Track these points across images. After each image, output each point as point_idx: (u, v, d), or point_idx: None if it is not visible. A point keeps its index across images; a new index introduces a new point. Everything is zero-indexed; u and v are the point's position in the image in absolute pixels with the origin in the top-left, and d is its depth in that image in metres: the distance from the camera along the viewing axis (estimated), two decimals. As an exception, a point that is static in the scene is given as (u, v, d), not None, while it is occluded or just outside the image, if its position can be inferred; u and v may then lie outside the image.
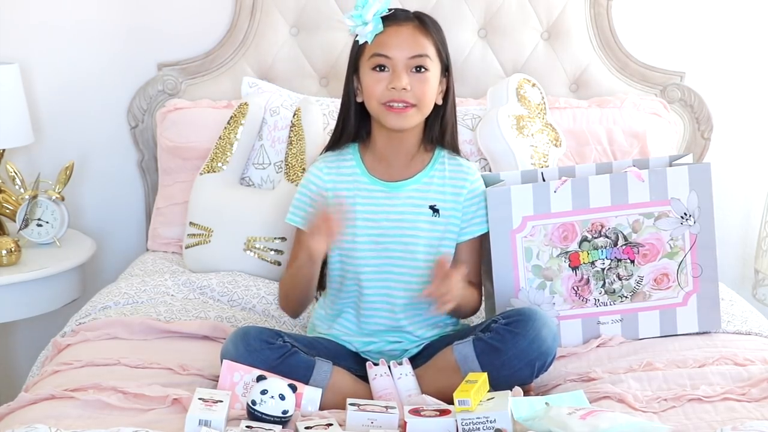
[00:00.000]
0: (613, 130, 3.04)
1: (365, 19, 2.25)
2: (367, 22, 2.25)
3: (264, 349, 2.14)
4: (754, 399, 2.09)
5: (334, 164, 2.34)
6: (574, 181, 2.35)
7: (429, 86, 2.27)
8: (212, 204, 2.85)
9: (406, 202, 2.31)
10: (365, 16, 2.25)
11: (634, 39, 3.26)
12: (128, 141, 3.27)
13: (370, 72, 2.27)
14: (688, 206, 2.36)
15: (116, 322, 2.45)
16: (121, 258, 3.24)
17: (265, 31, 3.20)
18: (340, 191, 2.31)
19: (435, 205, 2.31)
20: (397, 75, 2.24)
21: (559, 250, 2.36)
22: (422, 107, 2.27)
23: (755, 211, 3.39)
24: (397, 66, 2.25)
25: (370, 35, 2.26)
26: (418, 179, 2.33)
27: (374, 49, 2.26)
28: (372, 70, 2.26)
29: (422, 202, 2.31)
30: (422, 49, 2.26)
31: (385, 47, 2.25)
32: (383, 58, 2.25)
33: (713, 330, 2.42)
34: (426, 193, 2.32)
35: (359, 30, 2.27)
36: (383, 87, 2.25)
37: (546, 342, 2.15)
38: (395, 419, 2.00)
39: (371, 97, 2.27)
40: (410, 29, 2.27)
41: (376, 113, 2.28)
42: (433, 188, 2.32)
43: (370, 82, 2.26)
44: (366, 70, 2.27)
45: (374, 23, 2.25)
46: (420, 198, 2.31)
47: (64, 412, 2.01)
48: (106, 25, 3.24)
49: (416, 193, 2.32)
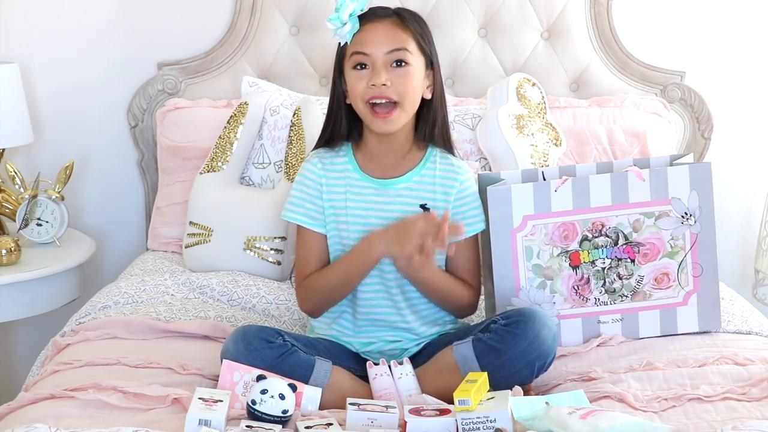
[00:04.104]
0: (613, 130, 3.04)
1: (342, 19, 2.25)
2: (344, 22, 2.25)
3: (264, 348, 2.14)
4: (755, 399, 2.08)
5: (327, 159, 2.34)
6: (574, 181, 2.35)
7: (411, 81, 2.25)
8: (212, 203, 2.84)
9: (396, 200, 2.31)
10: (342, 16, 2.25)
11: (635, 38, 3.26)
12: (128, 140, 3.27)
13: (351, 71, 2.27)
14: (688, 206, 2.36)
15: (116, 321, 2.45)
16: (121, 257, 3.24)
17: (265, 31, 3.20)
18: (333, 186, 2.31)
19: (425, 204, 2.31)
20: (376, 71, 2.24)
21: (559, 249, 2.36)
22: (405, 104, 2.26)
23: (755, 210, 3.39)
24: (376, 62, 2.24)
25: (349, 35, 2.26)
26: (409, 178, 2.32)
27: (353, 48, 2.26)
28: (353, 69, 2.26)
29: (413, 200, 2.31)
30: (400, 43, 2.25)
31: (362, 44, 2.25)
32: (362, 56, 2.25)
33: (713, 329, 2.41)
34: (417, 191, 2.32)
35: (339, 32, 2.27)
36: (364, 85, 2.25)
37: (546, 342, 2.15)
38: (395, 419, 1.99)
39: (355, 97, 2.27)
40: (387, 25, 2.26)
41: (362, 116, 2.29)
42: (424, 187, 2.32)
43: (353, 82, 2.26)
44: (348, 70, 2.28)
45: (351, 22, 2.25)
46: (410, 196, 2.31)
47: (64, 411, 2.01)
48: (106, 25, 3.24)
49: (407, 191, 2.31)
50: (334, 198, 2.31)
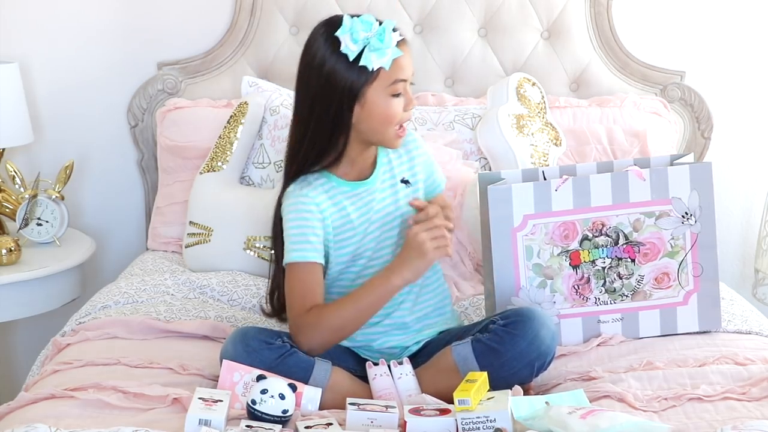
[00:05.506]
0: (613, 130, 3.04)
1: (388, 45, 2.14)
2: (388, 48, 2.15)
3: (263, 349, 2.13)
4: (755, 398, 2.08)
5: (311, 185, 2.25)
6: (575, 180, 2.35)
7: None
8: (212, 203, 2.84)
9: (382, 187, 2.29)
10: (388, 41, 2.13)
11: (635, 38, 3.26)
12: (128, 140, 3.27)
13: (388, 98, 2.18)
14: (689, 205, 2.36)
15: (116, 321, 2.45)
16: (121, 257, 3.24)
17: (265, 31, 3.20)
18: (330, 207, 2.24)
19: (404, 177, 2.31)
20: (409, 96, 2.21)
21: (559, 248, 2.36)
22: None
23: (755, 210, 3.38)
24: (407, 85, 2.21)
25: (389, 62, 2.15)
26: (381, 162, 2.31)
27: (396, 75, 2.16)
28: (393, 96, 2.18)
29: (394, 180, 2.31)
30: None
31: (403, 70, 2.17)
32: (404, 83, 2.19)
33: (713, 329, 2.41)
34: (392, 170, 2.31)
35: (376, 59, 2.13)
36: (400, 110, 2.20)
37: (545, 342, 2.15)
38: (395, 419, 1.99)
39: (389, 123, 2.19)
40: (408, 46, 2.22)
41: (383, 137, 2.23)
42: (395, 163, 2.32)
43: (391, 109, 2.18)
44: (383, 96, 2.17)
45: (393, 48, 2.16)
46: (390, 178, 2.31)
47: (64, 411, 2.01)
48: (106, 25, 3.24)
49: (386, 175, 2.30)
50: (336, 218, 2.25)
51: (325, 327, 2.18)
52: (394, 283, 2.18)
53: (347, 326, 2.20)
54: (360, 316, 2.19)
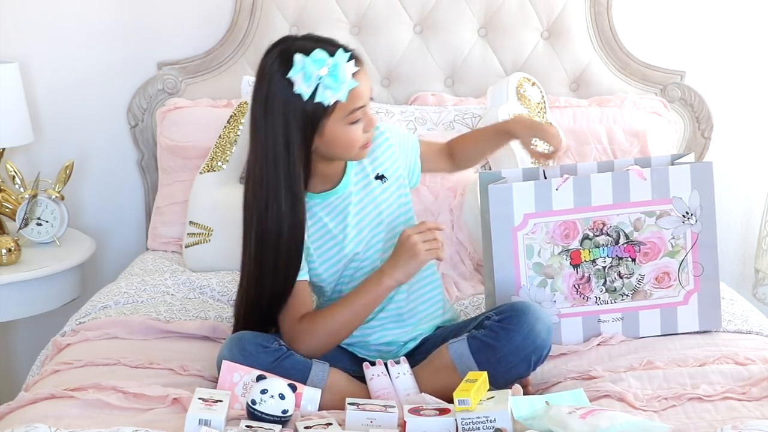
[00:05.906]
0: (613, 129, 3.04)
1: (343, 80, 2.10)
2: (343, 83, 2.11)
3: (259, 353, 2.13)
4: (755, 398, 2.08)
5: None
6: (575, 179, 2.34)
7: None
8: (212, 203, 2.84)
9: (356, 190, 2.29)
10: (342, 77, 2.10)
11: (635, 38, 3.26)
12: (128, 140, 3.27)
13: (347, 127, 2.15)
14: (689, 205, 2.36)
15: (116, 321, 2.45)
16: (121, 257, 3.24)
17: (265, 31, 3.20)
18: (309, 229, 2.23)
19: (378, 173, 2.31)
20: (369, 117, 2.18)
21: (560, 247, 2.36)
22: None
23: (755, 210, 3.39)
24: (366, 108, 2.18)
25: (344, 95, 2.12)
26: (351, 165, 2.30)
27: (353, 105, 2.13)
28: (351, 124, 2.15)
29: (368, 180, 2.30)
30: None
31: (361, 98, 2.14)
32: (362, 110, 2.17)
33: (714, 329, 2.41)
34: (364, 170, 2.30)
35: (331, 94, 2.10)
36: (361, 134, 2.18)
37: (540, 336, 2.15)
38: (395, 418, 1.99)
39: (352, 147, 2.18)
40: (364, 68, 2.18)
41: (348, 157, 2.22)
42: (366, 162, 2.30)
43: (352, 135, 2.16)
44: (341, 126, 2.14)
45: (349, 81, 2.12)
46: (364, 178, 2.30)
47: (64, 411, 2.01)
48: (106, 25, 3.24)
49: (358, 176, 2.30)
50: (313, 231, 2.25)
51: (320, 331, 2.20)
52: (385, 284, 2.20)
53: (342, 329, 2.22)
54: (354, 318, 2.22)
